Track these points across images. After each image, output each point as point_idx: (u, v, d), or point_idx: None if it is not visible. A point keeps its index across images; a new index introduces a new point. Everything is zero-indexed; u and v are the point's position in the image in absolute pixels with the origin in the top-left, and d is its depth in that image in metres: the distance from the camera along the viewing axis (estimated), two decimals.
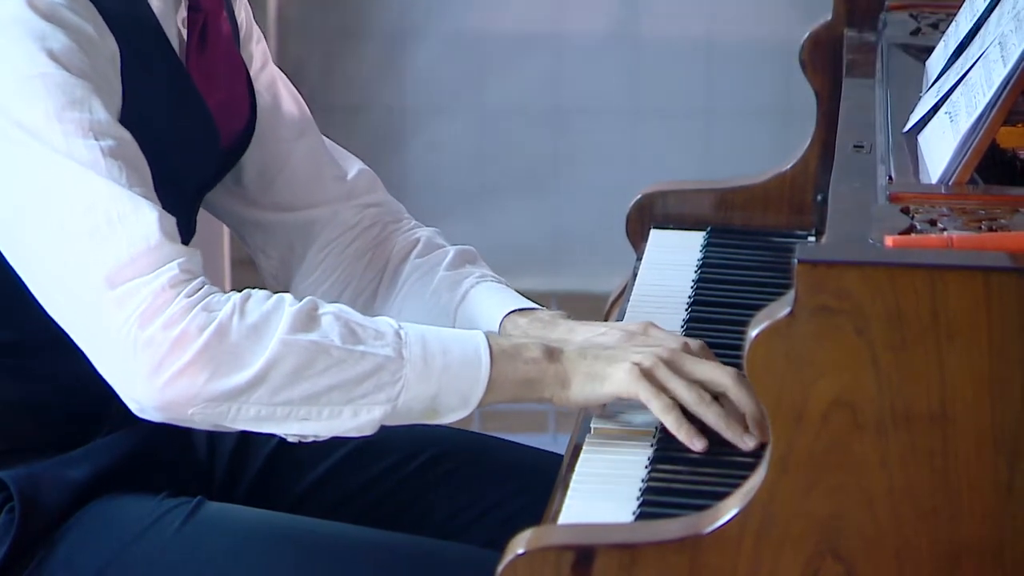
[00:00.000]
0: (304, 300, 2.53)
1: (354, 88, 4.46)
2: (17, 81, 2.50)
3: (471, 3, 4.48)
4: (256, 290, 2.53)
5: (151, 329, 2.44)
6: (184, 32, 2.76)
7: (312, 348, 2.48)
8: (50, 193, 2.50)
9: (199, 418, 2.47)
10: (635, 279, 3.02)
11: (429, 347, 2.52)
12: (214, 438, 2.94)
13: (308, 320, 2.49)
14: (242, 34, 2.94)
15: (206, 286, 2.49)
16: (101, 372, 2.49)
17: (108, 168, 2.49)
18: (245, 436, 2.94)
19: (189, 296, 2.46)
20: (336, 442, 2.88)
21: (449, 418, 2.52)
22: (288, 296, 2.52)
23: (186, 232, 2.64)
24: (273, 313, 2.48)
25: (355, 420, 2.50)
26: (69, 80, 2.51)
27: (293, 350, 2.47)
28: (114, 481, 2.70)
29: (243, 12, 2.96)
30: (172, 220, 2.50)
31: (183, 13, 2.75)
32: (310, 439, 2.53)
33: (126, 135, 2.54)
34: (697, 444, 2.46)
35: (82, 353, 2.54)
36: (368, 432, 2.51)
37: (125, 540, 2.64)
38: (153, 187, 2.54)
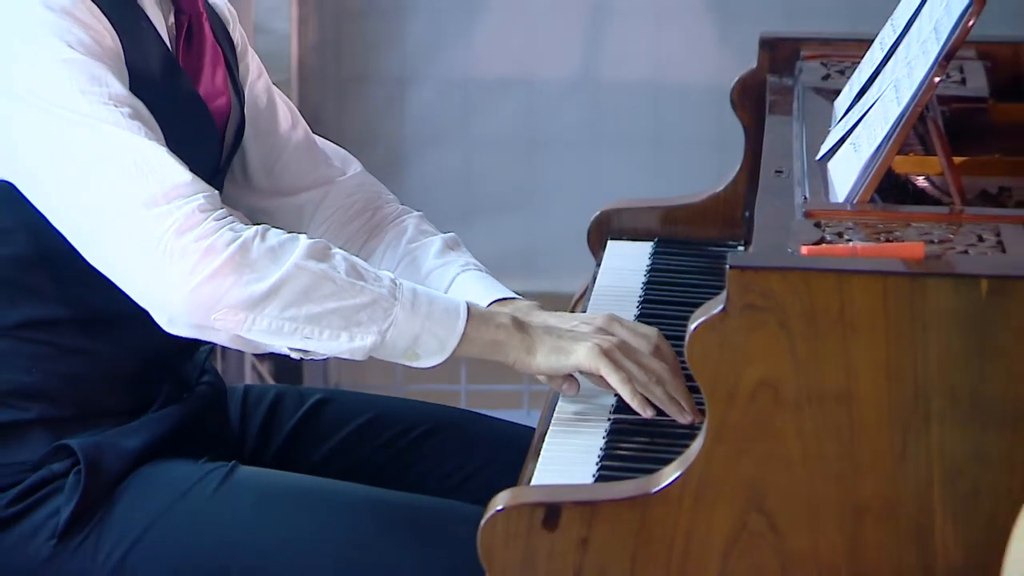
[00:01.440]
0: (318, 239, 2.55)
1: (362, 124, 4.45)
2: (45, 67, 2.51)
3: (459, 54, 4.46)
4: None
5: (185, 240, 2.44)
6: (172, 33, 2.74)
7: (320, 275, 2.48)
8: (85, 150, 2.50)
9: (220, 324, 2.47)
10: (595, 281, 3.02)
11: (418, 296, 2.52)
12: (246, 412, 2.94)
13: (321, 253, 2.50)
14: (238, 50, 2.94)
15: (230, 215, 2.51)
16: (139, 292, 2.50)
17: (130, 127, 2.50)
18: (272, 410, 2.94)
19: (218, 219, 2.48)
20: (347, 417, 2.92)
21: (426, 361, 2.52)
22: (304, 235, 2.53)
23: None
24: (290, 241, 2.50)
25: (349, 344, 2.49)
26: (88, 62, 2.52)
27: (304, 273, 2.47)
28: (162, 449, 2.69)
29: (238, 32, 2.95)
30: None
31: (171, 19, 2.75)
32: (309, 357, 2.54)
33: (140, 105, 2.54)
34: (648, 412, 2.47)
35: (117, 314, 2.58)
36: (359, 357, 2.51)
37: (171, 498, 2.64)
38: None
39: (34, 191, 2.56)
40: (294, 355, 2.53)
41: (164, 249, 2.45)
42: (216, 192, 2.55)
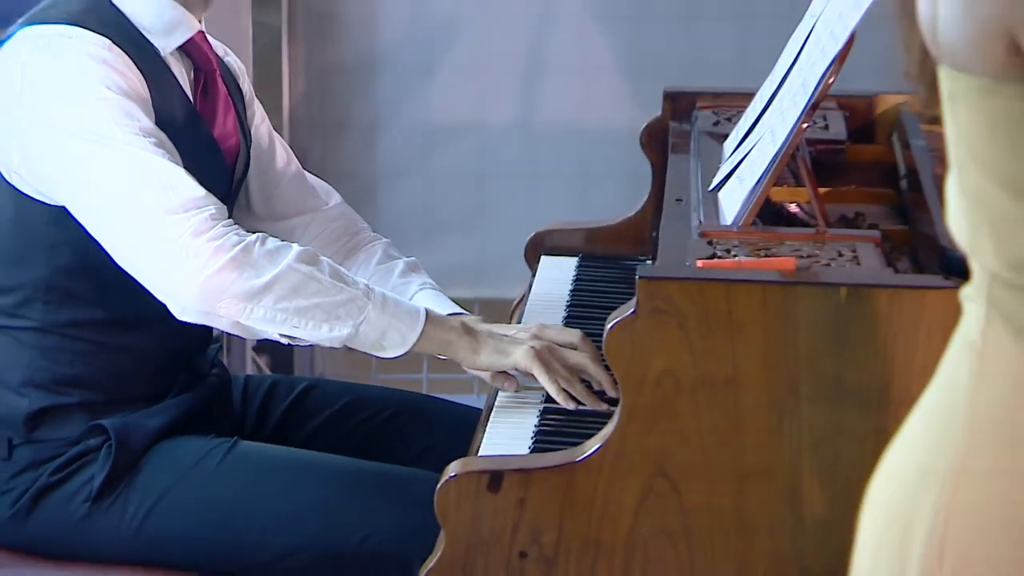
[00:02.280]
0: (308, 247, 2.56)
1: (342, 162, 4.43)
2: (88, 104, 2.51)
3: (420, 104, 4.44)
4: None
5: (199, 240, 2.44)
6: (192, 85, 2.73)
7: (308, 276, 2.48)
8: (118, 170, 2.50)
9: (224, 312, 2.46)
10: (530, 289, 3.01)
11: (387, 299, 2.52)
12: (247, 397, 2.91)
13: (310, 258, 2.50)
14: (247, 99, 2.92)
15: (236, 224, 2.52)
16: (157, 284, 2.50)
17: (156, 152, 2.51)
18: (268, 394, 2.92)
19: (226, 226, 2.48)
20: (329, 401, 2.91)
21: (390, 352, 2.52)
22: (296, 244, 2.54)
23: None
24: (285, 247, 2.50)
25: (329, 334, 2.49)
26: (123, 101, 2.52)
27: (295, 273, 2.47)
28: (178, 427, 2.67)
29: (246, 85, 2.94)
30: None
31: (191, 74, 2.74)
32: (296, 343, 2.54)
33: (164, 137, 2.55)
34: (570, 404, 2.46)
35: (142, 316, 2.57)
36: (336, 345, 2.52)
37: (185, 468, 2.63)
38: None
39: (77, 204, 2.55)
40: (283, 341, 2.53)
41: (181, 247, 2.45)
42: (224, 206, 2.56)
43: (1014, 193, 1.34)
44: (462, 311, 2.73)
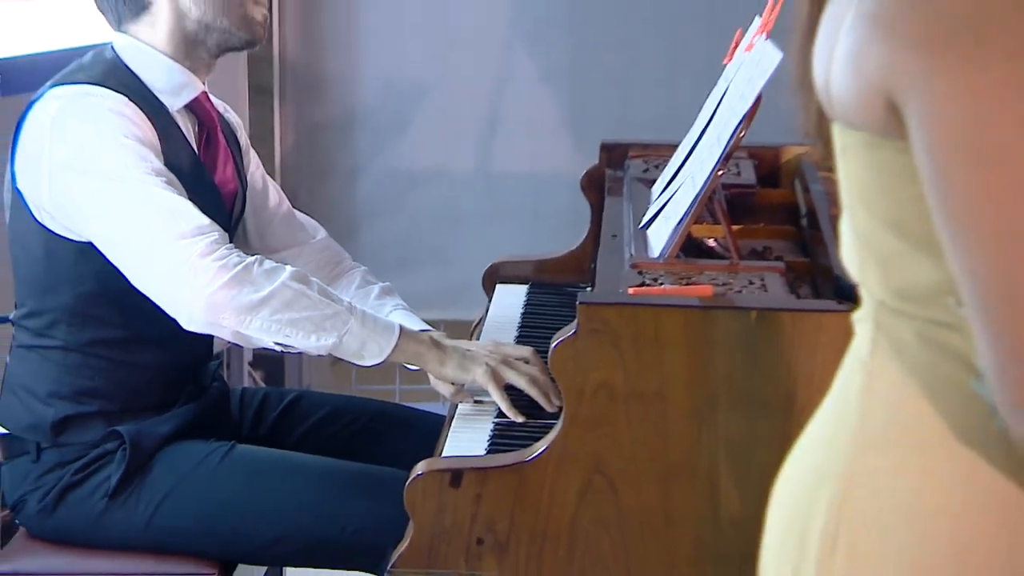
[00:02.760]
0: (300, 268, 2.56)
1: (327, 202, 4.43)
2: (109, 149, 2.52)
3: (394, 153, 4.44)
4: None
5: (206, 261, 2.44)
6: (196, 138, 2.73)
7: (300, 292, 2.47)
8: (134, 203, 2.50)
9: (226, 323, 2.45)
10: (487, 312, 3.00)
11: (367, 315, 2.51)
12: (243, 407, 2.90)
13: (301, 277, 2.50)
14: (243, 149, 2.92)
15: (237, 249, 2.51)
16: (167, 300, 2.49)
17: (166, 188, 2.50)
18: (262, 404, 2.90)
19: (228, 249, 2.47)
20: (314, 409, 2.90)
21: (369, 361, 2.50)
22: (290, 266, 2.54)
23: None
24: (280, 268, 2.49)
25: (316, 343, 2.48)
26: (138, 147, 2.52)
27: (288, 290, 2.46)
28: (184, 433, 2.66)
29: (243, 136, 2.93)
30: None
31: (195, 128, 2.73)
32: (287, 351, 2.53)
33: (173, 177, 2.54)
34: (519, 418, 2.45)
35: (156, 337, 2.55)
36: (322, 353, 2.51)
37: (188, 468, 2.61)
38: None
39: (98, 233, 2.54)
40: (277, 348, 2.52)
41: (189, 267, 2.45)
42: (226, 232, 2.56)
43: (896, 233, 1.34)
44: (430, 328, 2.72)
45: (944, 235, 1.24)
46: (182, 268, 2.46)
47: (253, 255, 2.52)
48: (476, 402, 2.55)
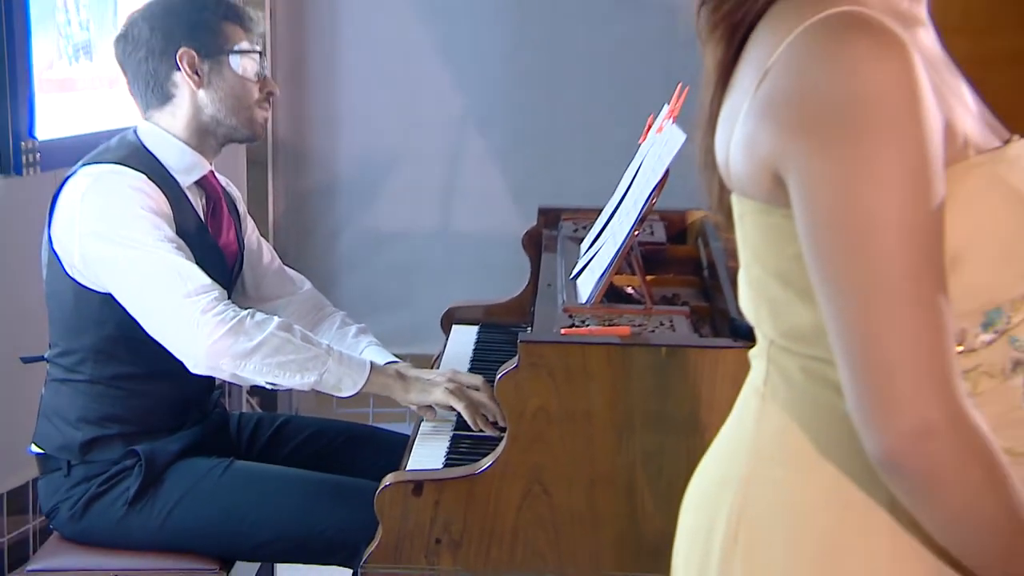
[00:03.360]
0: (285, 319, 2.55)
1: (312, 258, 4.42)
2: (127, 219, 2.51)
3: (367, 215, 4.44)
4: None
5: (207, 316, 2.43)
6: (203, 208, 2.70)
7: (286, 339, 2.46)
8: (148, 266, 2.49)
9: (224, 367, 2.44)
10: (445, 348, 2.99)
11: (343, 355, 2.51)
12: (240, 428, 2.87)
13: (287, 327, 2.49)
14: (242, 216, 2.89)
15: (233, 304, 2.49)
16: (175, 346, 2.47)
17: (176, 253, 2.49)
18: (256, 427, 2.87)
19: (226, 305, 2.46)
20: (301, 430, 2.88)
21: (345, 393, 2.50)
22: (277, 317, 2.53)
23: None
24: (268, 319, 2.48)
25: (300, 380, 2.47)
26: (152, 218, 2.51)
27: (276, 338, 2.45)
28: (190, 451, 2.63)
29: (242, 206, 2.91)
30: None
31: (203, 200, 2.71)
32: (277, 387, 2.51)
33: (183, 243, 2.53)
34: (488, 430, 2.45)
35: (166, 371, 2.51)
36: (306, 388, 2.50)
37: (194, 480, 2.59)
38: None
39: (119, 290, 2.52)
40: (268, 386, 2.50)
41: (193, 321, 2.44)
42: (225, 290, 2.54)
43: (783, 284, 1.34)
44: (397, 360, 2.71)
45: (816, 286, 1.25)
46: (187, 322, 2.44)
47: (248, 308, 2.52)
48: (436, 422, 2.53)
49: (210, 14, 2.67)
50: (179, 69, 2.64)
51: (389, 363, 2.67)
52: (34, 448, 2.67)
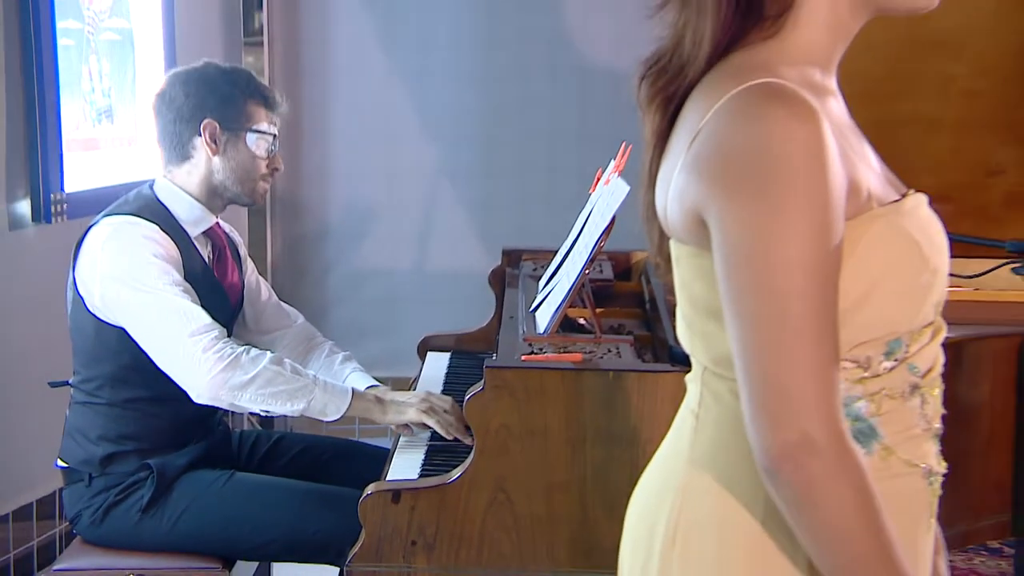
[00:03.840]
0: (278, 354, 2.53)
1: (304, 294, 4.39)
2: (140, 266, 2.49)
3: (353, 256, 4.43)
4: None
5: (208, 353, 2.41)
6: (209, 254, 2.68)
7: (277, 372, 2.44)
8: (157, 307, 2.46)
9: (223, 398, 2.42)
10: (421, 372, 2.98)
11: (328, 384, 2.49)
12: (241, 443, 2.83)
13: (278, 361, 2.46)
14: (243, 260, 2.86)
15: (232, 342, 2.46)
16: (180, 379, 2.45)
17: (182, 296, 2.46)
18: (254, 443, 2.84)
19: (225, 343, 2.43)
20: (294, 445, 2.85)
21: (331, 417, 2.48)
22: (270, 352, 2.51)
23: None
24: (262, 355, 2.45)
25: (291, 408, 2.45)
26: (162, 264, 2.49)
27: (269, 371, 2.43)
28: (196, 465, 2.61)
29: (243, 250, 2.88)
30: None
31: (209, 247, 2.69)
32: (269, 415, 2.49)
33: (189, 287, 2.50)
34: (450, 437, 2.44)
35: (175, 396, 2.48)
36: (296, 415, 2.48)
37: (200, 490, 2.56)
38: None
39: (132, 328, 2.50)
40: (262, 413, 2.48)
41: (196, 358, 2.42)
42: (224, 328, 2.51)
43: (713, 318, 1.34)
44: (378, 384, 2.69)
45: (726, 315, 1.25)
46: (190, 358, 2.42)
47: (248, 340, 2.51)
48: (412, 437, 2.52)
49: (240, 92, 2.65)
50: (200, 135, 2.63)
51: (370, 387, 2.65)
52: (59, 462, 2.64)
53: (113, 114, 3.55)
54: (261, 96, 2.68)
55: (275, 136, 2.70)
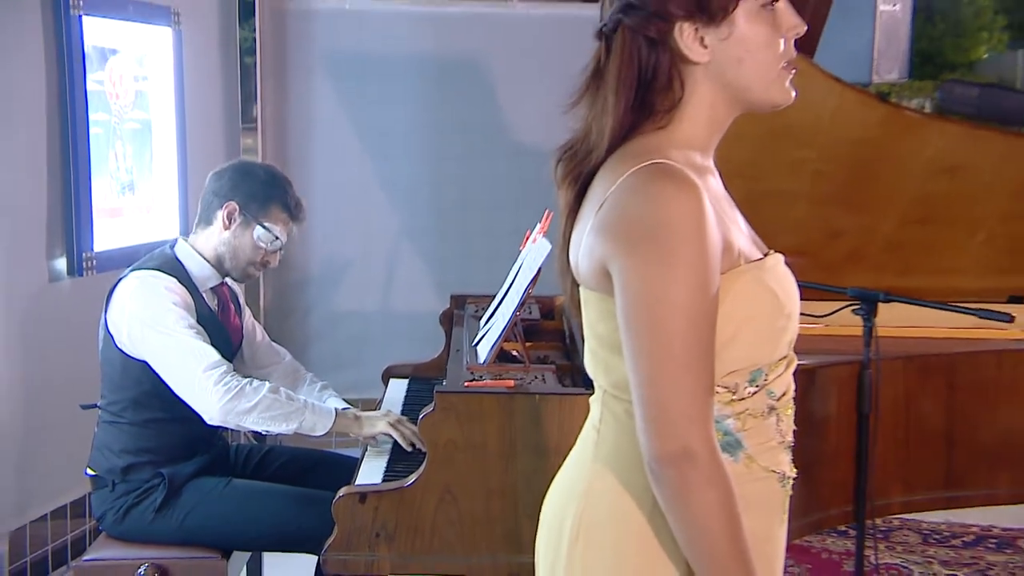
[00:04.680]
0: (275, 384, 2.50)
1: (291, 331, 4.34)
2: (161, 312, 2.43)
3: (332, 300, 4.40)
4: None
5: (217, 385, 2.36)
6: (214, 304, 2.63)
7: (274, 399, 2.40)
8: (175, 346, 2.41)
9: (231, 421, 2.37)
10: (384, 395, 2.94)
11: (315, 407, 2.45)
12: (237, 454, 2.78)
13: (275, 390, 2.42)
14: (242, 307, 2.81)
15: (237, 375, 2.41)
16: (196, 406, 2.39)
17: (195, 337, 2.41)
18: (248, 454, 2.78)
19: (232, 377, 2.39)
20: (281, 456, 2.79)
21: (319, 433, 2.44)
22: (268, 382, 2.46)
23: None
24: (262, 385, 2.41)
25: (285, 428, 2.41)
26: (180, 311, 2.44)
27: (268, 399, 2.39)
28: (200, 473, 2.55)
29: (242, 299, 2.83)
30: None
31: (216, 300, 2.64)
32: (267, 433, 2.44)
33: (201, 329, 2.46)
34: (408, 448, 2.42)
35: (184, 417, 2.43)
36: (289, 433, 2.43)
37: (202, 495, 2.51)
38: None
39: (153, 362, 2.45)
40: (262, 432, 2.43)
41: (208, 390, 2.37)
42: (231, 364, 2.47)
43: (611, 350, 1.34)
44: (350, 407, 2.66)
45: (624, 348, 1.26)
46: (203, 390, 2.38)
47: (247, 374, 2.46)
48: (378, 448, 2.48)
49: (271, 191, 2.60)
50: (222, 209, 2.59)
51: (346, 408, 2.62)
52: (88, 471, 2.57)
53: (135, 187, 3.53)
54: (287, 204, 2.62)
55: (280, 240, 2.62)
